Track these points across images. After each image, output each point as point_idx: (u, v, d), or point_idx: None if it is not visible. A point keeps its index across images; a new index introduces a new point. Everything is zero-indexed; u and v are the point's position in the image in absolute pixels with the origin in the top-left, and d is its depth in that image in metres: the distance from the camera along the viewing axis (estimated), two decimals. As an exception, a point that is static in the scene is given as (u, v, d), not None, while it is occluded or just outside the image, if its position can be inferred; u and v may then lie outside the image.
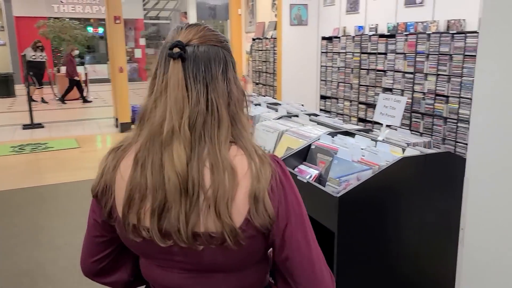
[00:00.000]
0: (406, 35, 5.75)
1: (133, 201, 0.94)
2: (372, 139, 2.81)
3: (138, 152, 0.94)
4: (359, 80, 6.76)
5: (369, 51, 6.47)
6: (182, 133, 0.90)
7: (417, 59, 5.59)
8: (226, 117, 0.94)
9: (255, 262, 1.02)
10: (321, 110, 7.86)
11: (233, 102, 0.98)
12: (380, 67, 6.28)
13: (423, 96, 5.60)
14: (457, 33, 4.99)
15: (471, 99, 4.88)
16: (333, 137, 2.97)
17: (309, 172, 2.83)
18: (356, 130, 3.12)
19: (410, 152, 2.50)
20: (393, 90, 6.03)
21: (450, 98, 5.17)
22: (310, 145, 3.00)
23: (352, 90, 6.96)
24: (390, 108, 2.92)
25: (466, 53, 4.88)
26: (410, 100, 5.74)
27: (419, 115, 5.66)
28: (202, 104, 0.92)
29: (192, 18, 15.95)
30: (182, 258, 0.97)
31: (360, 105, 6.83)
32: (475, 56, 4.95)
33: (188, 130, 0.90)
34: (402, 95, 5.95)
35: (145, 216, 0.93)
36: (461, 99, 5.01)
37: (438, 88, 5.33)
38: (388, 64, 6.09)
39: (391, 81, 6.06)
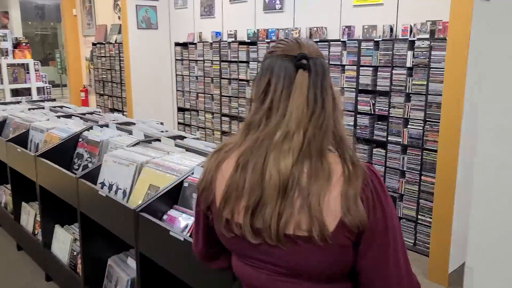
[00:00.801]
0: (268, 42, 5.43)
1: (229, 198, 1.04)
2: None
3: (241, 155, 1.04)
4: (220, 91, 6.24)
5: (229, 59, 6.00)
6: (296, 138, 0.99)
7: (281, 68, 5.31)
8: (331, 126, 1.03)
9: (342, 278, 1.05)
10: (179, 123, 7.12)
11: (337, 111, 1.06)
12: (242, 76, 5.86)
13: (289, 107, 5.33)
14: (320, 41, 4.83)
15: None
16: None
17: (184, 222, 2.10)
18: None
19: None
20: (258, 101, 5.67)
21: (317, 109, 4.99)
22: (182, 182, 2.27)
23: (214, 101, 6.42)
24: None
25: (331, 62, 4.74)
26: (277, 112, 5.44)
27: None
28: (317, 113, 1.01)
29: (16, 19, 13.57)
30: (270, 258, 1.03)
31: (224, 118, 6.32)
32: (339, 65, 5.00)
33: (302, 136, 0.99)
34: (267, 106, 5.62)
35: (239, 213, 1.03)
36: (328, 109, 4.85)
37: (304, 98, 5.11)
38: (251, 73, 5.70)
39: (255, 92, 5.68)
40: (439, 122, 3.93)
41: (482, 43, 2.91)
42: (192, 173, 2.28)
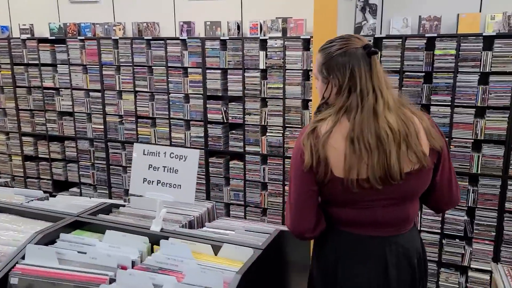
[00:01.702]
0: (83, 40, 4.36)
1: (353, 163, 1.30)
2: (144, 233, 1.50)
3: (352, 130, 1.31)
4: (16, 103, 4.79)
5: (26, 61, 4.63)
6: (391, 104, 1.34)
7: (105, 72, 4.33)
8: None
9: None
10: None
11: None
12: (49, 83, 4.60)
13: (120, 119, 4.41)
14: (153, 39, 4.07)
15: (182, 119, 4.22)
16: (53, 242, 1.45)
17: None
18: (89, 216, 1.71)
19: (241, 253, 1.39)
20: (75, 114, 4.54)
21: (157, 120, 4.23)
22: (7, 276, 1.33)
23: (8, 117, 4.90)
24: (167, 172, 1.66)
25: (169, 64, 4.05)
26: (102, 126, 4.44)
27: (119, 144, 4.45)
28: (388, 83, 1.38)
29: None
30: (387, 194, 1.35)
31: (25, 138, 4.89)
32: (180, 67, 4.30)
33: (393, 100, 1.35)
34: (90, 119, 4.55)
35: (365, 170, 1.30)
36: (171, 120, 4.16)
37: (139, 108, 4.28)
38: (60, 79, 4.51)
39: (69, 103, 4.53)
40: (300, 128, 3.71)
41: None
42: (23, 258, 1.36)
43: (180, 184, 1.61)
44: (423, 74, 3.26)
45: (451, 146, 3.27)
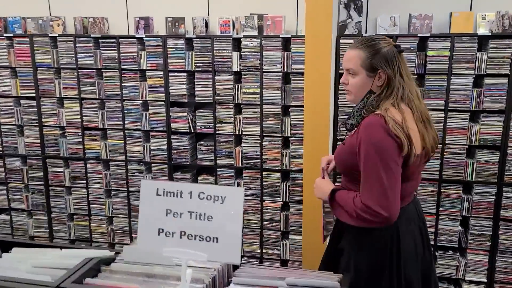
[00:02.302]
0: (10, 38, 3.64)
1: (426, 140, 1.63)
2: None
3: (416, 112, 1.62)
4: None
5: None
6: (421, 99, 1.68)
7: (40, 76, 3.65)
8: None
9: None
10: None
11: None
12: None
13: (62, 132, 3.75)
14: (104, 37, 3.49)
15: (140, 129, 3.66)
16: None
17: None
18: None
19: None
20: (2, 126, 3.80)
21: (109, 132, 3.65)
22: None
23: None
24: (195, 220, 1.21)
25: (123, 66, 3.49)
26: (38, 140, 3.75)
27: (60, 161, 3.78)
28: None
29: None
30: (423, 167, 1.73)
31: None
32: (136, 70, 3.68)
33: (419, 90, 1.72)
34: (21, 132, 3.82)
35: (428, 145, 1.64)
36: (126, 131, 3.60)
37: (86, 118, 3.66)
38: (-15, 85, 3.74)
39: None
40: (279, 137, 3.35)
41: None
42: None
43: (217, 237, 1.16)
44: (415, 76, 3.05)
45: (444, 153, 3.10)
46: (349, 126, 1.66)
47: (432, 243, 3.21)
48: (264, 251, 3.57)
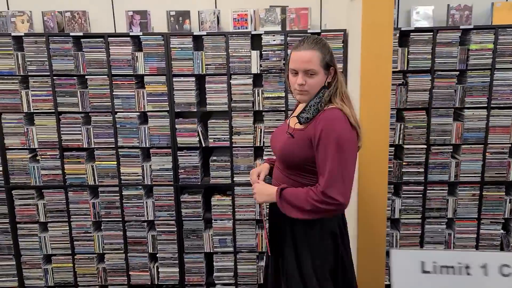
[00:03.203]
0: (-44, 38, 2.86)
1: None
2: None
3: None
4: None
5: None
6: None
7: (0, 86, 2.91)
8: None
9: None
10: None
11: None
12: None
13: (32, 155, 3.04)
14: (87, 36, 2.85)
15: (137, 147, 3.06)
16: None
17: None
18: None
19: None
20: (-48, 154, 2.98)
21: (97, 152, 3.02)
22: None
23: None
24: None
25: (114, 71, 2.89)
26: None
27: (31, 191, 3.07)
28: None
29: None
30: None
31: None
32: (132, 75, 2.98)
33: None
34: (-21, 161, 3.03)
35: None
36: (120, 150, 3.00)
37: (66, 137, 2.99)
38: None
39: None
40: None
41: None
42: None
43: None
44: (457, 73, 2.85)
45: (486, 154, 2.94)
46: (304, 119, 1.71)
47: (474, 249, 3.06)
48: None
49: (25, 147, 3.01)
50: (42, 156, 3.02)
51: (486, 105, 2.88)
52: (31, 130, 2.98)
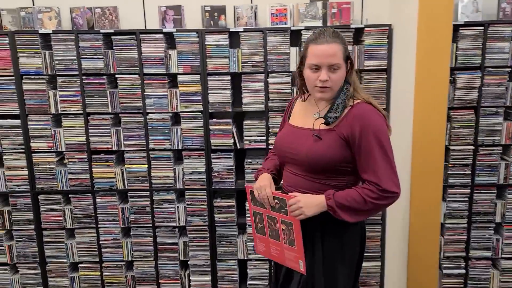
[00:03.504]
0: (-19, 36, 2.74)
1: None
2: None
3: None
4: None
5: None
6: None
7: (26, 86, 2.79)
8: None
9: None
10: None
11: None
12: None
13: (59, 158, 2.91)
14: (118, 33, 2.73)
15: (169, 149, 2.91)
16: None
17: None
18: None
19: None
20: (-23, 157, 2.86)
21: (127, 155, 2.89)
22: None
23: None
24: None
25: (147, 71, 2.76)
26: (26, 172, 2.88)
27: (58, 196, 2.95)
28: None
29: None
30: None
31: None
32: (164, 74, 2.74)
33: None
34: None
35: None
36: (151, 152, 2.87)
37: (94, 139, 2.86)
38: None
39: (-37, 139, 2.83)
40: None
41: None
42: None
43: None
44: (509, 69, 2.71)
45: (538, 154, 2.79)
46: (333, 119, 1.61)
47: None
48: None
49: (52, 150, 2.88)
50: (70, 160, 2.89)
51: (540, 104, 2.74)
52: (58, 132, 2.86)
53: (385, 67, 2.73)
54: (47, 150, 2.88)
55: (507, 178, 2.83)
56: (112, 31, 2.72)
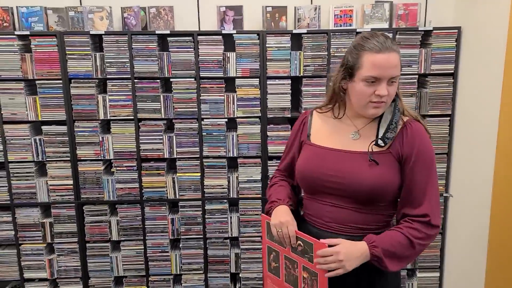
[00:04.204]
0: (24, 37, 2.59)
1: None
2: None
3: None
4: None
5: None
6: None
7: (74, 91, 2.64)
8: None
9: None
10: None
11: None
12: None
13: (105, 166, 2.77)
14: (174, 34, 2.60)
15: (224, 156, 2.81)
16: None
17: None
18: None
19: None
20: (10, 165, 2.71)
21: (179, 163, 2.76)
22: None
23: None
24: None
25: (204, 74, 2.64)
26: (71, 182, 2.74)
27: (104, 206, 2.80)
28: None
29: None
30: None
31: None
32: (221, 78, 2.60)
33: None
34: (41, 172, 2.75)
35: None
36: (205, 160, 2.74)
37: (145, 146, 2.73)
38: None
39: None
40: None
41: None
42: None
43: None
44: None
45: None
46: (389, 140, 1.38)
47: None
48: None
49: (99, 157, 2.74)
50: (118, 168, 2.75)
51: None
52: (106, 139, 2.72)
53: (452, 71, 2.65)
54: (94, 158, 2.74)
55: None
56: (168, 32, 2.59)
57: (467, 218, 2.61)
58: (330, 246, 1.30)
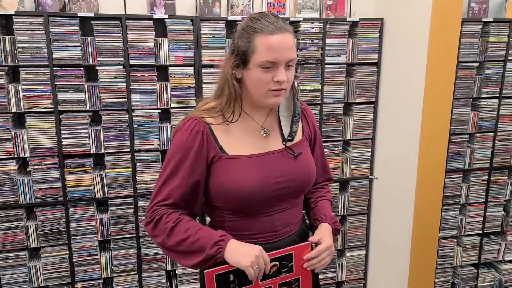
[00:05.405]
0: None
1: None
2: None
3: None
4: None
5: None
6: None
7: (-15, 79, 2.31)
8: None
9: None
10: None
11: None
12: None
13: (19, 165, 2.47)
14: (99, 17, 2.40)
15: (157, 149, 2.66)
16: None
17: None
18: None
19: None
20: None
21: (107, 158, 2.58)
22: None
23: None
24: None
25: (133, 61, 2.48)
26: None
27: (19, 210, 2.52)
28: None
29: None
30: None
31: None
32: (153, 66, 2.67)
33: None
34: None
35: None
36: (136, 154, 2.61)
37: (68, 142, 2.50)
38: None
39: None
40: (340, 141, 2.92)
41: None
42: None
43: None
44: (477, 64, 3.03)
45: (496, 140, 3.19)
46: (295, 133, 1.35)
47: (479, 231, 3.32)
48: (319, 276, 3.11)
49: (11, 156, 2.43)
50: (35, 167, 2.47)
51: (498, 95, 3.12)
52: (20, 135, 2.42)
53: (376, 61, 2.85)
54: (6, 157, 2.43)
55: (471, 163, 3.19)
56: (92, 15, 2.37)
57: (391, 199, 2.85)
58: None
